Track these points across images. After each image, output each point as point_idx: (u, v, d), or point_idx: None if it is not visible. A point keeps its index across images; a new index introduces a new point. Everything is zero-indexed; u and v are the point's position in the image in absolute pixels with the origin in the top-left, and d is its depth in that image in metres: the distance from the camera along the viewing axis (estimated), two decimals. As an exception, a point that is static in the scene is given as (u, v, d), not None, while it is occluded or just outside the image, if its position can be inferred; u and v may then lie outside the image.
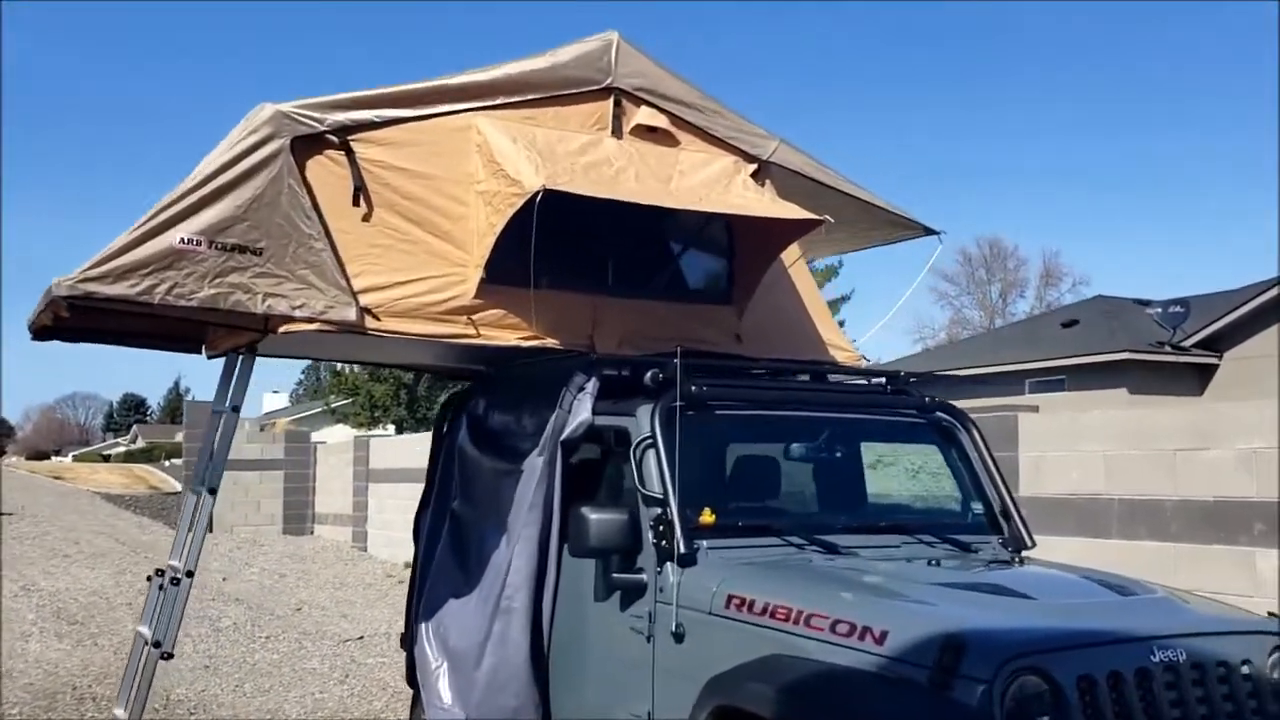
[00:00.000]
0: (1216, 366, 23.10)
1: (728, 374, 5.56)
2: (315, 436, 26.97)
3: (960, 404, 5.98)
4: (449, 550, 6.32)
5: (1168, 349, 23.30)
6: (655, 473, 4.85)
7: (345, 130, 5.17)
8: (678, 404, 4.83)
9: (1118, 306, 27.13)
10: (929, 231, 6.85)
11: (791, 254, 6.26)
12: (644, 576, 4.82)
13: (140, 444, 71.92)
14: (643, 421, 5.01)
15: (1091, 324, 25.70)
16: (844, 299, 57.14)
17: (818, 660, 3.92)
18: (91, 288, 4.70)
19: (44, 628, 11.83)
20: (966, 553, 5.16)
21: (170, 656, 5.53)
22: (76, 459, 70.98)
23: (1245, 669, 3.91)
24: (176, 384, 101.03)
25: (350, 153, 5.18)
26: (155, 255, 4.78)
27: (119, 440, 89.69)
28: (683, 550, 4.65)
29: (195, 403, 25.55)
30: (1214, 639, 3.97)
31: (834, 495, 5.67)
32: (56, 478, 34.06)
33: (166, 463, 48.69)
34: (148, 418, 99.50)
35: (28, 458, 74.78)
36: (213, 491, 5.55)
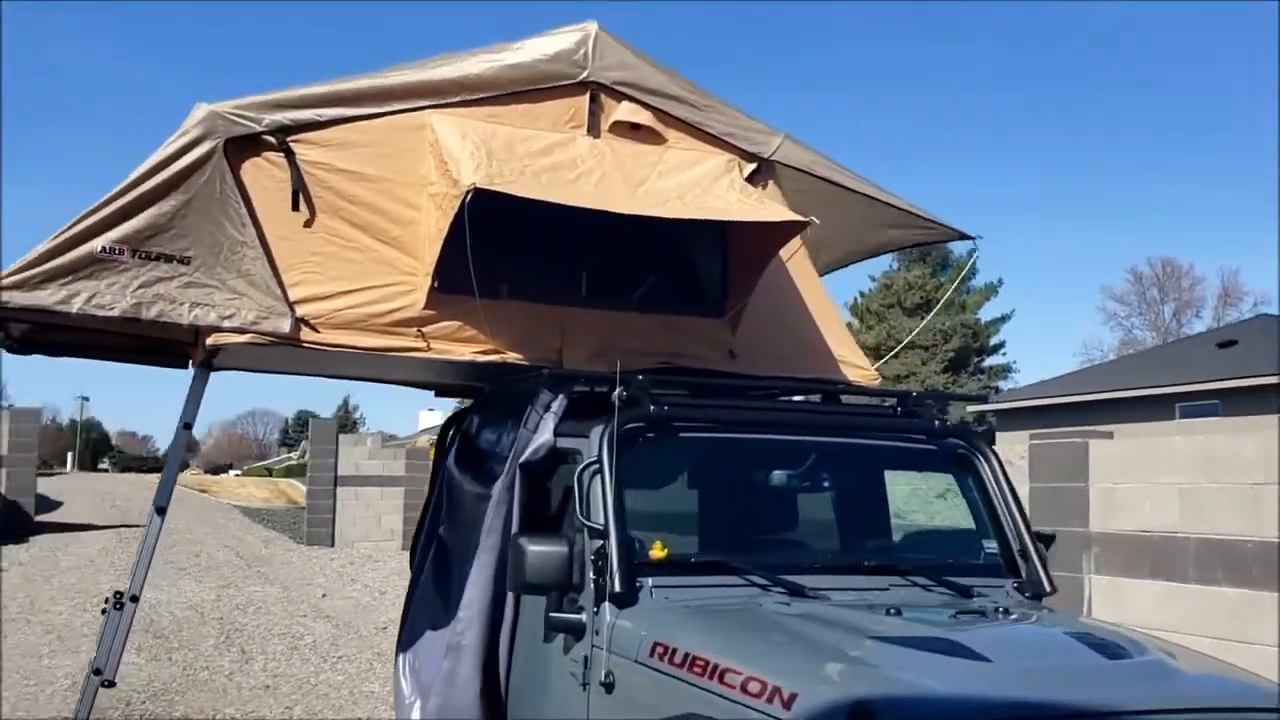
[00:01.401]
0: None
1: (704, 393, 5.04)
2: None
3: (1035, 431, 5.30)
4: (430, 579, 5.96)
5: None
6: (599, 500, 4.37)
7: (285, 130, 4.87)
8: (613, 425, 4.35)
9: (1283, 326, 25.14)
10: (961, 236, 6.18)
11: (798, 261, 5.70)
12: (583, 617, 4.34)
13: (307, 459, 74.44)
14: (592, 443, 4.53)
15: (1251, 345, 23.83)
16: (1004, 319, 55.45)
17: None
18: (5, 296, 4.50)
19: (128, 641, 11.93)
20: (962, 598, 4.50)
21: (111, 684, 5.27)
22: (245, 473, 73.95)
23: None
24: (345, 401, 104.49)
25: (290, 154, 4.87)
26: (74, 263, 4.57)
27: (290, 455, 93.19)
28: (618, 588, 4.15)
29: (320, 420, 26.06)
30: (1202, 716, 3.26)
31: (818, 530, 5.06)
32: (202, 491, 35.32)
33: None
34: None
35: (206, 471, 78.43)
36: (160, 511, 5.28)
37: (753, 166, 5.59)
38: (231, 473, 79.61)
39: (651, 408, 4.54)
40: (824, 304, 5.82)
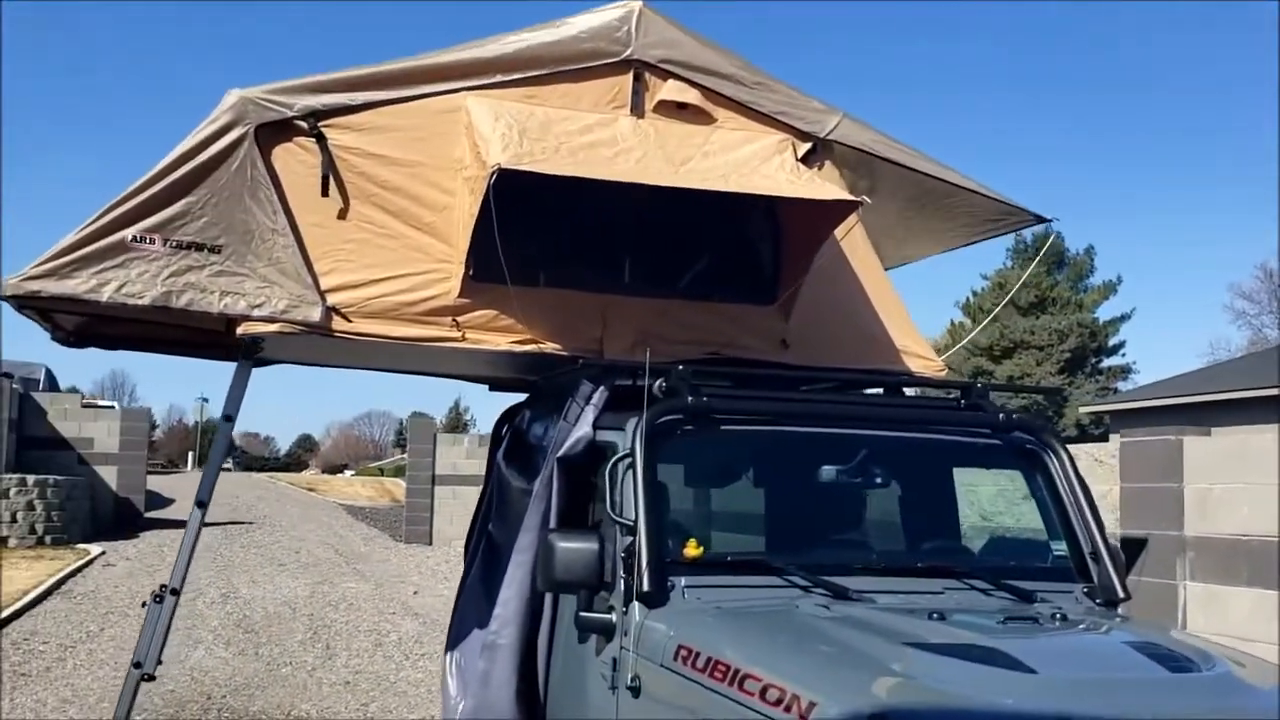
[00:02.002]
0: None
1: (750, 384, 4.79)
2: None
3: (1131, 430, 4.94)
4: (478, 576, 5.83)
5: None
6: (630, 496, 4.15)
7: (317, 115, 4.77)
8: (643, 417, 4.13)
9: None
10: (1038, 219, 5.80)
11: (858, 246, 5.40)
12: (612, 617, 4.13)
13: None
14: (627, 436, 4.32)
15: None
16: (1124, 318, 53.56)
17: None
18: (36, 285, 4.49)
19: (218, 636, 12.15)
20: (1021, 603, 4.17)
21: (152, 678, 5.24)
22: (358, 473, 75.44)
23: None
24: (457, 403, 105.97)
25: (322, 139, 4.76)
26: (104, 252, 4.53)
27: (403, 456, 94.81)
28: (647, 588, 3.93)
29: (418, 420, 26.35)
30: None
31: (870, 529, 4.76)
32: (310, 489, 36.00)
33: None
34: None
35: (324, 471, 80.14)
36: (201, 505, 5.22)
37: (807, 146, 5.31)
38: (347, 473, 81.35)
39: (690, 399, 4.31)
40: (886, 291, 5.51)
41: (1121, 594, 4.41)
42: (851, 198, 4.69)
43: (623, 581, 4.07)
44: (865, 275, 5.41)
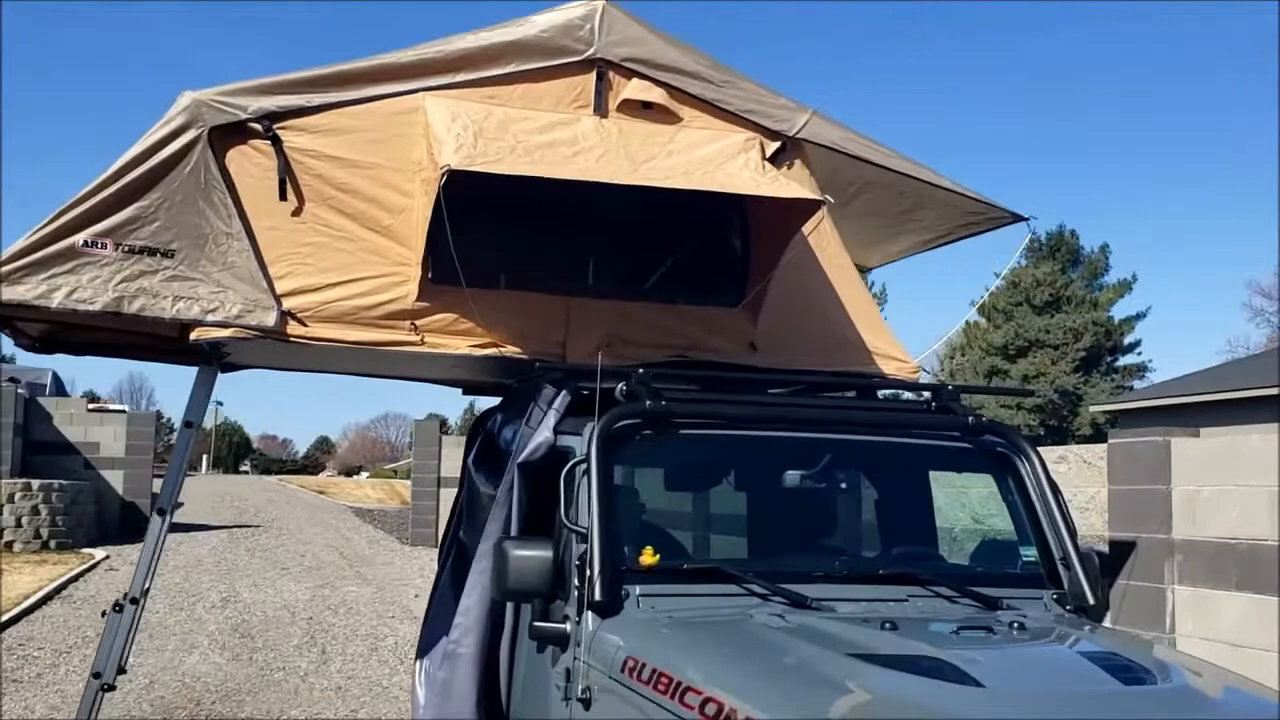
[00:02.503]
0: None
1: (716, 387, 4.70)
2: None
3: (1119, 431, 4.83)
4: (447, 583, 5.77)
5: None
6: (585, 501, 4.06)
7: (272, 117, 4.70)
8: (597, 421, 4.04)
9: None
10: (1016, 217, 5.70)
11: (829, 247, 5.31)
12: (566, 626, 4.04)
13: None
14: (584, 440, 4.24)
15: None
16: (1139, 316, 53.11)
17: None
18: None
19: (214, 641, 12.11)
20: (985, 611, 4.07)
21: (111, 688, 5.17)
22: (373, 475, 75.65)
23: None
24: (471, 405, 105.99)
25: (277, 142, 4.69)
26: (55, 257, 4.47)
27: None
28: (598, 596, 3.85)
29: (423, 422, 26.30)
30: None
31: (835, 535, 4.66)
32: (320, 492, 36.05)
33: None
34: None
35: (340, 473, 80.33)
36: (161, 513, 5.16)
37: (776, 145, 5.21)
38: (363, 475, 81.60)
39: (647, 403, 4.23)
40: (858, 293, 5.41)
41: (1091, 600, 4.31)
42: (815, 196, 4.59)
43: (575, 590, 3.99)
44: (836, 276, 5.32)
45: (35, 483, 19.10)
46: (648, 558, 4.02)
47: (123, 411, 24.07)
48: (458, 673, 4.70)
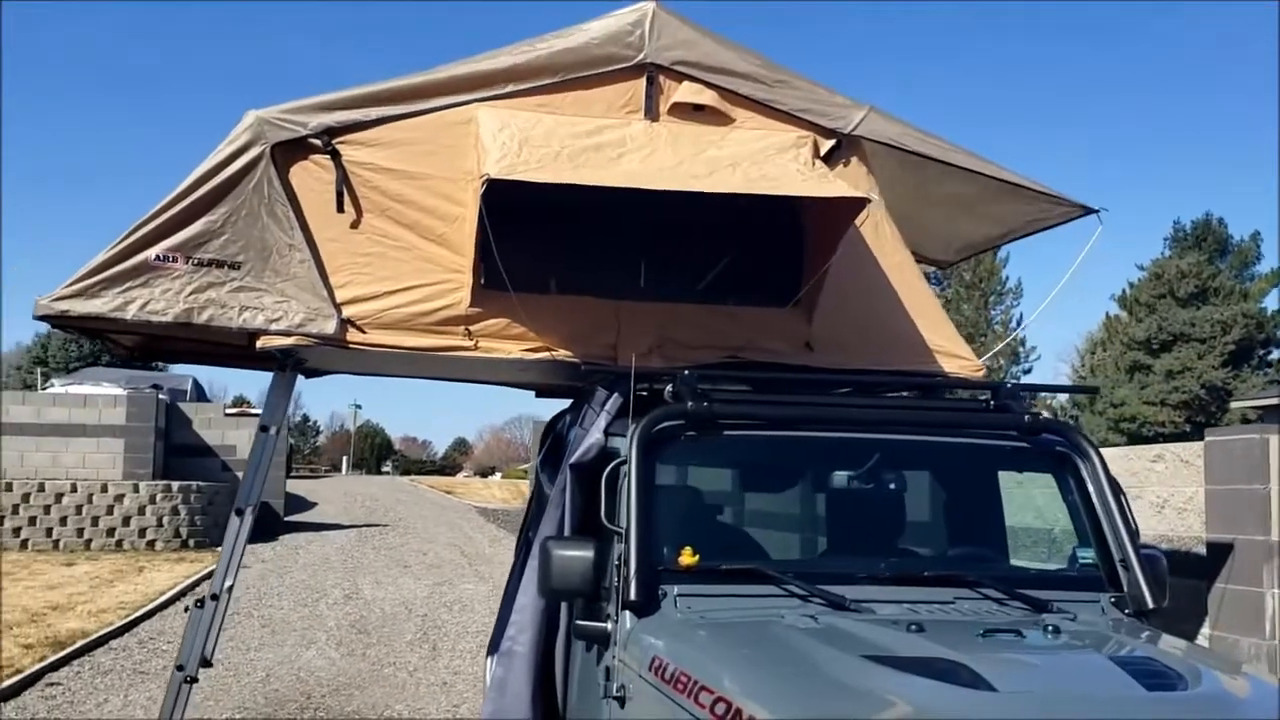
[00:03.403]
0: None
1: (766, 388, 4.70)
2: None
3: (1215, 430, 4.69)
4: (513, 583, 5.86)
5: None
6: (624, 502, 4.12)
7: (331, 132, 4.87)
8: (636, 423, 4.10)
9: None
10: (1086, 210, 5.54)
11: (888, 245, 5.25)
12: (607, 625, 4.11)
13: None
14: (628, 442, 4.30)
15: None
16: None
17: None
18: (65, 305, 4.70)
19: (331, 636, 12.52)
20: (1032, 614, 3.98)
21: (194, 680, 5.42)
22: (505, 475, 76.92)
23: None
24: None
25: (336, 156, 4.87)
26: (129, 272, 4.71)
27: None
28: (633, 596, 3.90)
29: (540, 422, 26.56)
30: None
31: (879, 536, 4.60)
32: (448, 492, 36.85)
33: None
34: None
35: (476, 474, 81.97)
36: (239, 513, 5.39)
37: (831, 143, 5.18)
38: (497, 475, 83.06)
39: (690, 404, 4.26)
40: (918, 290, 5.33)
41: (1151, 603, 4.18)
42: (857, 194, 4.55)
43: (615, 590, 4.04)
44: (895, 274, 5.25)
45: (175, 484, 20.03)
46: (686, 558, 4.05)
47: (257, 415, 24.95)
48: (513, 670, 4.79)
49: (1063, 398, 50.62)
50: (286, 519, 23.56)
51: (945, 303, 53.61)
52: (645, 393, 4.62)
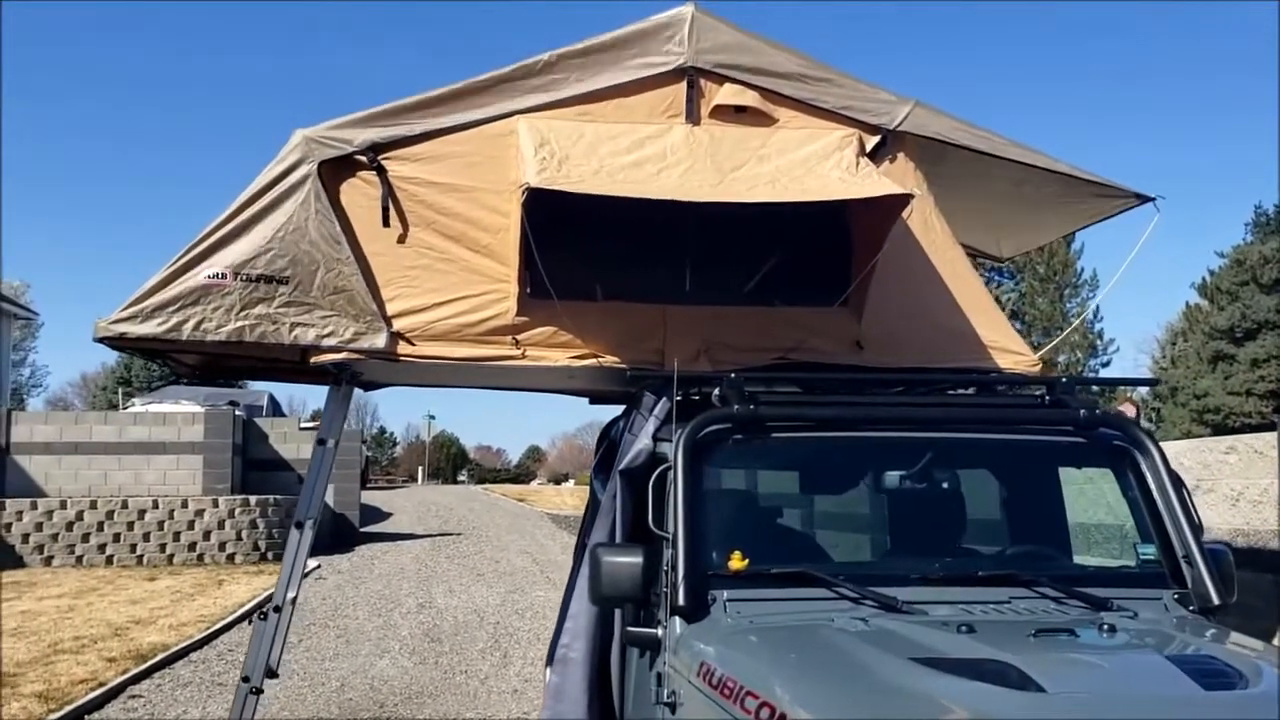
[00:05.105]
0: None
1: (815, 389, 4.67)
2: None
3: None
4: (571, 591, 5.87)
5: None
6: (672, 507, 4.11)
7: (376, 149, 4.93)
8: (681, 427, 4.09)
9: None
10: (1141, 199, 5.42)
11: (938, 241, 5.18)
12: (657, 631, 4.10)
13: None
14: (673, 446, 4.29)
15: None
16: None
17: None
18: (123, 328, 4.81)
19: (405, 645, 12.66)
20: (1090, 612, 3.89)
21: (260, 691, 5.50)
22: (578, 482, 77.22)
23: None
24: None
25: (382, 171, 4.92)
26: (183, 293, 4.81)
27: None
28: (682, 601, 3.89)
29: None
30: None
31: (933, 536, 4.53)
32: (520, 500, 37.04)
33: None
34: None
35: (550, 481, 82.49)
36: (299, 526, 5.47)
37: (876, 139, 5.12)
38: (570, 482, 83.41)
39: (736, 407, 4.23)
40: (971, 286, 5.25)
41: (1216, 600, 4.06)
42: (899, 191, 4.50)
43: (665, 595, 4.03)
44: (946, 270, 5.18)
45: (253, 498, 20.39)
46: (736, 562, 4.02)
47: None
48: (569, 678, 4.80)
49: (1143, 391, 49.53)
50: (362, 530, 23.86)
51: (1020, 297, 52.78)
52: (694, 397, 4.61)
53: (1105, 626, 3.56)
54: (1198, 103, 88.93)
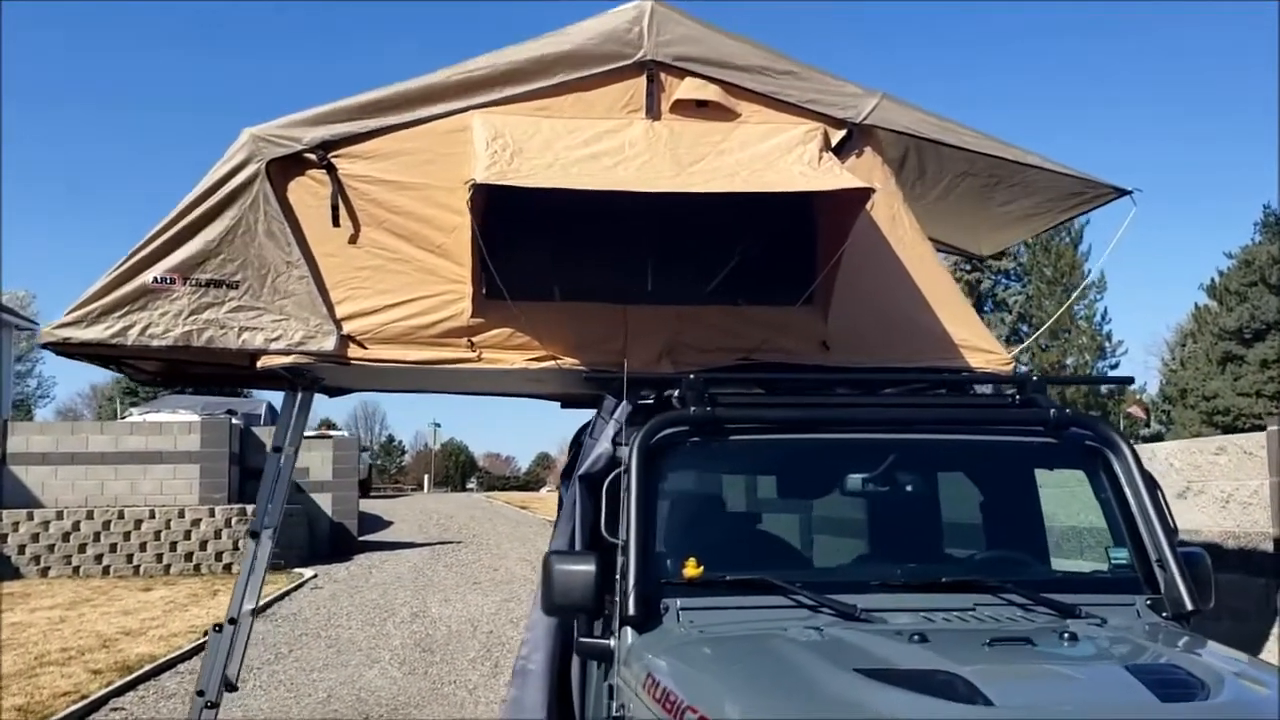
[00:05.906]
0: None
1: (777, 389, 4.53)
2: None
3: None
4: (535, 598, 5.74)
5: None
6: (625, 513, 3.97)
7: (326, 146, 4.80)
8: (631, 430, 3.96)
9: None
10: (1119, 192, 5.26)
11: (908, 238, 5.03)
12: (610, 642, 3.96)
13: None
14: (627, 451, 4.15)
15: None
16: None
17: None
18: (68, 333, 4.69)
19: (395, 656, 12.52)
20: (1060, 618, 3.73)
21: (215, 705, 5.37)
22: (588, 489, 77.14)
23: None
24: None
25: (332, 170, 4.79)
26: (128, 296, 4.69)
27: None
28: (631, 611, 3.74)
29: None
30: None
31: (897, 541, 4.37)
32: (522, 507, 36.88)
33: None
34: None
35: (557, 488, 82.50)
36: (254, 535, 5.34)
37: (842, 134, 4.98)
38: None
39: (693, 409, 4.09)
40: (941, 284, 5.11)
41: (1189, 605, 3.90)
42: (859, 185, 4.35)
43: (615, 604, 3.89)
44: (916, 267, 5.03)
45: (250, 508, 20.24)
46: (690, 570, 3.88)
47: (328, 438, 25.26)
48: (527, 690, 4.68)
49: (1153, 392, 49.30)
50: (361, 538, 23.72)
51: (1027, 299, 52.51)
52: (655, 399, 4.48)
53: (1067, 635, 3.40)
54: (1205, 103, 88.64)
